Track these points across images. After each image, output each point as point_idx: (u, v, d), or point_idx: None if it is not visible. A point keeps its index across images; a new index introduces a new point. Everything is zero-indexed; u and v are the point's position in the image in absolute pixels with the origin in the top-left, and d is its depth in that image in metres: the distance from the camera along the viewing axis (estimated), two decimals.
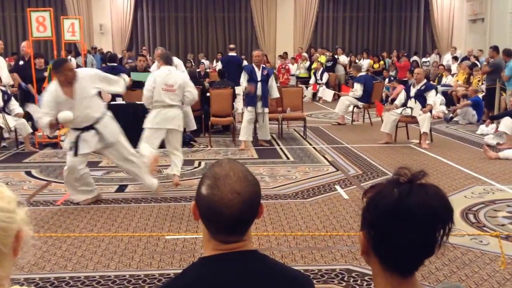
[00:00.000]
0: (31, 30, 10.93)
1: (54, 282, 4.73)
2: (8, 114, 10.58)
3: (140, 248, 5.52)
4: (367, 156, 9.91)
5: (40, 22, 10.82)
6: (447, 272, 4.86)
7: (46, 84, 10.98)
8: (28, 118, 11.08)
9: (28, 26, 11.04)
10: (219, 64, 17.92)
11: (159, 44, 23.54)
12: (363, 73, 15.33)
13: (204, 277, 1.71)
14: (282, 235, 5.85)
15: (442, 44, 24.66)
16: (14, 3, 24.21)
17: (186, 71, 11.77)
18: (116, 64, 12.90)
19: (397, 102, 11.59)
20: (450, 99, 16.09)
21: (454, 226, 1.41)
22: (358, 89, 14.01)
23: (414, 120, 11.05)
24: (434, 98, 11.38)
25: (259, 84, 10.76)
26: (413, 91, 11.13)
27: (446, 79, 17.92)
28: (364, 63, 21.15)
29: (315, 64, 20.86)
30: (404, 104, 11.25)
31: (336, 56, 22.42)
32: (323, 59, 21.47)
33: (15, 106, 10.67)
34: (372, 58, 22.27)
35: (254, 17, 24.82)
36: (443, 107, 15.42)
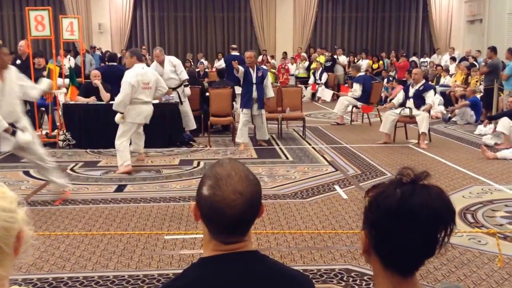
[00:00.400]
0: (29, 29, 10.92)
1: (53, 283, 4.72)
2: None
3: (139, 248, 5.52)
4: (366, 156, 9.92)
5: (38, 21, 10.79)
6: (446, 271, 4.87)
7: None
8: (27, 117, 11.06)
9: (27, 25, 11.02)
10: (221, 63, 17.93)
11: (158, 43, 23.56)
12: (362, 73, 15.34)
13: (204, 277, 1.71)
14: (281, 235, 5.85)
15: (440, 44, 24.69)
16: (12, 2, 24.17)
17: (185, 71, 11.79)
18: (116, 63, 12.91)
19: (394, 102, 11.61)
20: (448, 100, 16.10)
21: (455, 227, 1.41)
22: (357, 89, 14.02)
23: (412, 120, 11.07)
24: (433, 98, 11.38)
25: (254, 87, 10.73)
26: (411, 91, 11.14)
27: (444, 80, 17.93)
28: (363, 63, 21.18)
29: (314, 64, 20.87)
30: (403, 104, 11.27)
31: (335, 56, 22.44)
32: (322, 59, 21.49)
33: None
34: (371, 58, 22.29)
35: (253, 17, 24.83)
36: (442, 108, 15.44)
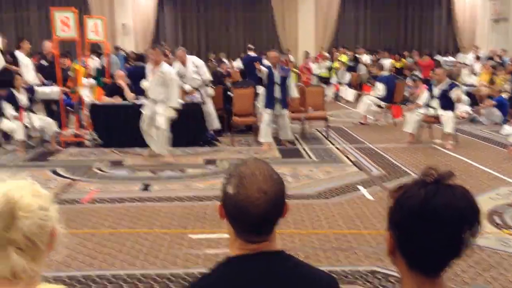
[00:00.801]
0: (55, 30, 11.03)
1: (81, 280, 4.78)
2: (34, 113, 10.71)
3: (165, 247, 5.56)
4: (390, 156, 9.87)
5: (64, 22, 10.90)
6: (473, 274, 4.84)
7: (70, 83, 11.11)
8: (54, 117, 11.21)
9: (53, 26, 11.13)
10: (238, 63, 17.95)
11: (181, 43, 23.65)
12: (385, 72, 15.26)
13: (226, 277, 1.73)
14: (306, 236, 5.85)
15: (464, 43, 24.48)
16: (37, 3, 24.47)
17: (207, 71, 11.83)
18: (144, 64, 12.99)
19: (419, 102, 11.53)
20: (474, 99, 15.95)
21: (481, 228, 1.41)
22: (380, 88, 13.96)
23: (437, 120, 10.99)
24: (459, 93, 11.06)
25: (277, 87, 10.75)
26: (436, 91, 11.05)
27: (470, 79, 17.77)
28: (386, 62, 21.06)
29: (336, 64, 20.81)
30: (427, 104, 11.18)
31: (357, 56, 22.35)
32: (344, 58, 21.41)
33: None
34: (393, 57, 22.16)
35: (275, 16, 24.83)
36: (467, 107, 15.29)
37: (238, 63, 18.56)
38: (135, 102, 10.90)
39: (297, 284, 1.73)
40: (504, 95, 14.26)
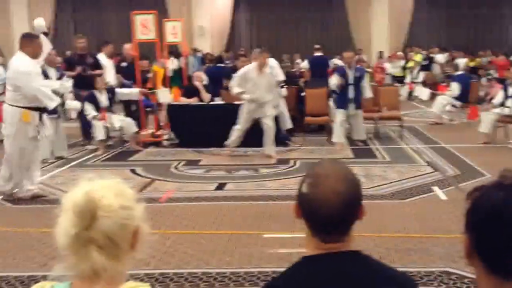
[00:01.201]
0: (135, 33, 11.35)
1: (159, 278, 4.88)
2: (114, 113, 11.09)
3: (240, 246, 5.66)
4: (465, 156, 9.70)
5: (144, 25, 11.19)
6: None
7: (149, 85, 11.42)
8: (134, 117, 11.56)
9: (132, 29, 11.44)
10: (305, 64, 17.94)
11: (255, 45, 23.85)
12: (460, 72, 14.97)
13: (300, 277, 1.74)
14: (379, 237, 5.87)
15: None
16: (117, 6, 25.24)
17: (281, 72, 11.93)
18: (223, 65, 13.24)
19: (495, 102, 11.28)
20: None
21: None
22: (455, 88, 13.70)
23: None
24: None
25: (351, 87, 10.73)
26: (511, 90, 10.79)
27: None
28: (460, 61, 20.60)
29: (410, 63, 20.54)
30: (502, 104, 10.93)
31: (431, 55, 21.96)
32: (418, 57, 21.09)
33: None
34: (468, 57, 21.67)
35: (348, 16, 24.70)
36: None
37: (305, 64, 18.54)
38: (211, 103, 11.14)
39: (373, 284, 1.72)
40: None
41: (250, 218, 6.58)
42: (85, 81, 11.09)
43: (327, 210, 1.70)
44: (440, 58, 21.88)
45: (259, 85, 9.70)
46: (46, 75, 9.57)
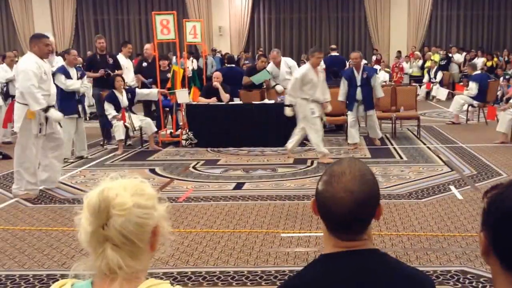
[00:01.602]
0: (155, 33, 11.42)
1: (177, 277, 4.92)
2: (134, 113, 11.19)
3: (257, 245, 5.71)
4: (482, 156, 9.69)
5: (164, 25, 11.23)
6: None
7: (169, 85, 11.52)
8: (153, 117, 11.65)
9: (153, 29, 11.50)
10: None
11: (274, 45, 23.93)
12: (478, 71, 14.92)
13: (318, 275, 1.74)
14: (396, 236, 5.90)
15: None
16: (138, 7, 25.45)
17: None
18: (234, 65, 13.32)
19: None
20: None
21: None
22: (473, 87, 13.68)
23: None
24: None
25: (359, 89, 10.66)
26: None
27: None
28: (479, 61, 20.50)
29: (428, 63, 20.48)
30: None
31: (450, 55, 21.87)
32: (436, 57, 21.02)
33: None
34: (486, 56, 21.55)
35: (367, 16, 24.66)
36: None
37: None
38: (230, 103, 11.22)
39: (391, 282, 1.71)
40: None
41: (267, 217, 6.63)
42: (105, 81, 11.22)
43: (340, 208, 1.70)
44: (458, 57, 21.79)
45: (317, 85, 9.46)
46: (68, 75, 9.74)
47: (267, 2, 25.32)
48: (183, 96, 11.18)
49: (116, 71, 11.55)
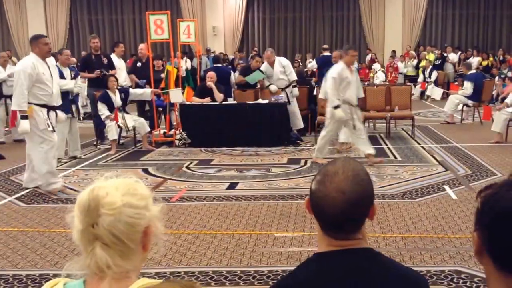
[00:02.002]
0: (149, 33, 11.39)
1: (169, 277, 4.88)
2: (127, 113, 11.15)
3: (251, 245, 5.69)
4: (477, 155, 9.68)
5: (158, 25, 11.21)
6: None
7: (163, 85, 11.49)
8: (146, 117, 11.61)
9: (147, 29, 11.46)
10: (313, 64, 17.97)
11: (268, 44, 23.91)
12: (473, 71, 14.92)
13: (311, 273, 1.74)
14: (390, 236, 5.88)
15: None
16: (132, 7, 25.41)
17: (293, 72, 11.97)
18: (220, 65, 13.37)
19: (507, 101, 11.24)
20: None
21: None
22: (468, 87, 13.68)
23: None
24: None
25: None
26: None
27: None
28: (474, 61, 20.53)
29: (423, 62, 20.49)
30: None
31: (445, 54, 21.89)
32: (431, 57, 21.04)
33: None
34: (481, 56, 21.58)
35: (362, 15, 24.66)
36: None
37: (313, 64, 18.57)
38: (223, 102, 11.20)
39: (385, 282, 1.71)
40: None
41: (261, 217, 6.61)
42: (100, 81, 11.18)
43: (332, 208, 1.69)
44: (453, 57, 21.81)
45: (351, 84, 9.04)
46: (61, 75, 9.71)
47: (261, 1, 25.30)
48: (176, 95, 11.15)
49: (110, 71, 11.50)
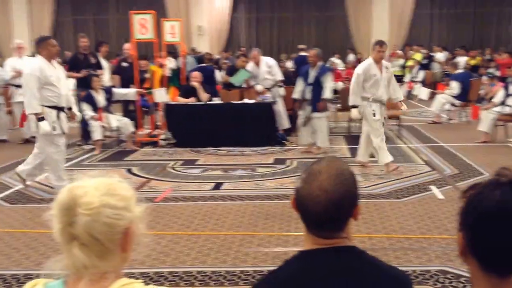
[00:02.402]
0: (133, 32, 11.31)
1: (153, 277, 4.89)
2: (111, 113, 11.06)
3: (236, 245, 5.66)
4: (464, 155, 9.67)
5: (142, 25, 11.15)
6: None
7: (147, 85, 11.40)
8: (131, 117, 11.52)
9: (131, 29, 11.38)
10: (290, 63, 17.94)
11: (254, 44, 23.84)
12: (460, 70, 14.95)
13: (295, 271, 1.75)
14: (375, 236, 5.85)
15: None
16: (117, 6, 25.27)
17: (279, 72, 11.94)
18: (205, 64, 13.36)
19: (495, 100, 11.26)
20: None
21: None
22: (455, 87, 13.68)
23: None
24: None
25: (308, 87, 9.85)
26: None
27: None
28: (461, 60, 20.56)
29: (410, 62, 20.52)
30: (503, 102, 10.90)
31: (432, 54, 21.92)
32: (418, 56, 21.07)
33: None
34: (468, 55, 21.63)
35: (348, 15, 24.66)
36: None
37: (290, 64, 18.53)
38: (208, 102, 11.13)
39: (368, 279, 1.72)
40: None
41: (246, 217, 6.57)
42: (85, 81, 11.08)
43: (315, 207, 1.70)
44: (441, 56, 21.85)
45: (380, 82, 8.54)
46: None
47: (247, 1, 25.26)
48: (161, 95, 11.07)
49: (98, 70, 11.42)
